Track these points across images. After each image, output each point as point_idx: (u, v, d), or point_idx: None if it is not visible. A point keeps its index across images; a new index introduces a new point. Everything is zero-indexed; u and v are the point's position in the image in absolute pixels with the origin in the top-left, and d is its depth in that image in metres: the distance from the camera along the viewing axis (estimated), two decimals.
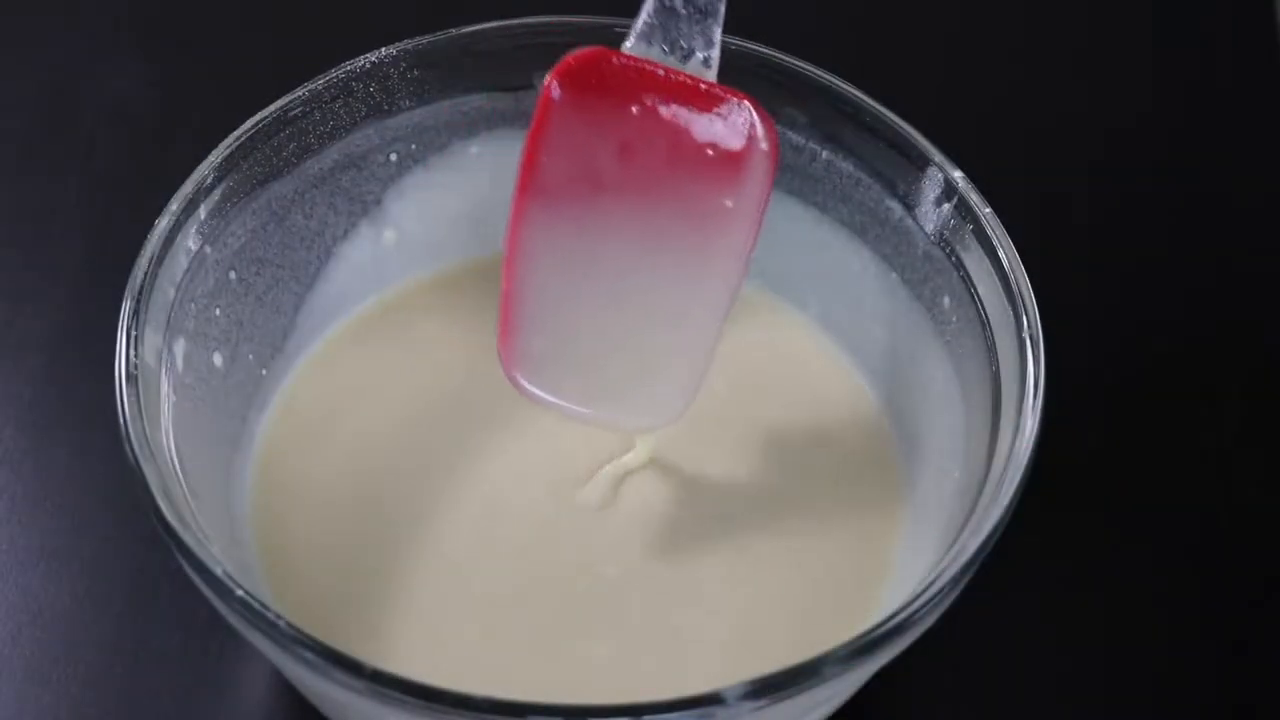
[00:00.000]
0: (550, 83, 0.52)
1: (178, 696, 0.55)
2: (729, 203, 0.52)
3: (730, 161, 0.52)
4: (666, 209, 0.53)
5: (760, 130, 0.52)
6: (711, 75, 0.52)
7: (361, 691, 0.45)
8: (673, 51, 0.52)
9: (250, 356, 0.56)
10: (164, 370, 0.51)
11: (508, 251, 0.53)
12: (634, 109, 0.52)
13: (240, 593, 0.46)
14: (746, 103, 0.52)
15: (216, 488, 0.53)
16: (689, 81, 0.52)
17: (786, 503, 0.56)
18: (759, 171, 0.52)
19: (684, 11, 0.52)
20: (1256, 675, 0.57)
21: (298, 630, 0.46)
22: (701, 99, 0.52)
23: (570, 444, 0.56)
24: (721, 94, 0.52)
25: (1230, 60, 0.72)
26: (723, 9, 0.52)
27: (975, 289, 0.53)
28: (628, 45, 0.52)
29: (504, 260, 0.53)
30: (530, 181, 0.52)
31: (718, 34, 0.52)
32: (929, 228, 0.55)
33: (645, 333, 0.54)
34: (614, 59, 0.52)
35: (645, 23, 0.52)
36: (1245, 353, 0.64)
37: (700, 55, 0.52)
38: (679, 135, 0.52)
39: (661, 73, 0.52)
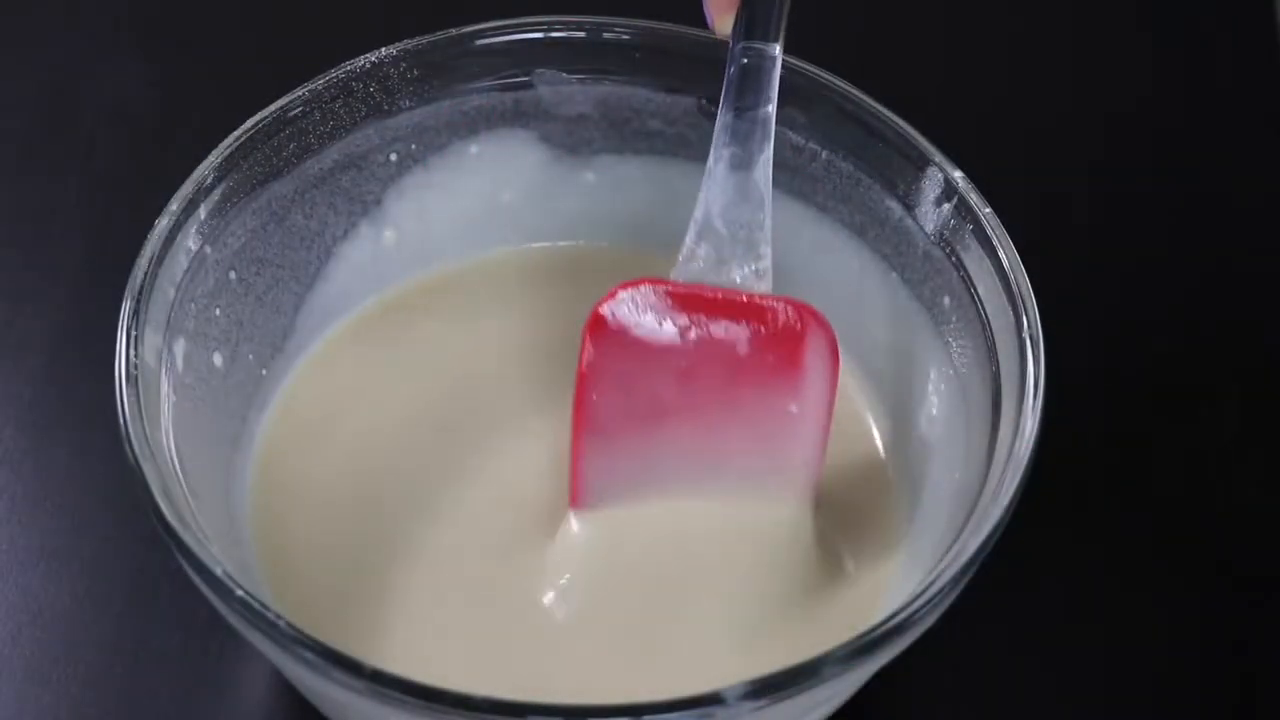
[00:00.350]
0: (590, 325, 0.53)
1: (178, 696, 0.55)
2: (794, 408, 0.53)
3: (790, 369, 0.53)
4: (733, 423, 0.53)
5: (815, 332, 0.53)
6: (765, 286, 0.53)
7: (361, 691, 0.45)
8: (721, 269, 0.53)
9: (250, 356, 0.56)
10: (164, 370, 0.51)
11: (574, 490, 0.54)
12: (684, 335, 0.53)
13: (240, 593, 0.46)
14: (797, 309, 0.53)
15: (216, 488, 0.53)
16: (736, 298, 0.53)
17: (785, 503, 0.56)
18: (820, 373, 0.53)
19: (726, 231, 0.52)
20: (1256, 675, 0.57)
21: (298, 630, 0.46)
22: (752, 312, 0.53)
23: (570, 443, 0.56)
24: (770, 304, 0.53)
25: (1230, 60, 0.72)
26: (768, 223, 0.53)
27: (975, 289, 0.53)
28: (675, 270, 0.53)
29: (570, 495, 0.54)
30: (585, 421, 0.53)
31: (766, 248, 0.53)
32: (929, 228, 0.55)
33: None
34: (655, 288, 0.53)
35: (689, 247, 0.53)
36: (1245, 353, 0.64)
37: (751, 268, 0.53)
38: (735, 352, 0.53)
39: (708, 294, 0.53)
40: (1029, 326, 0.51)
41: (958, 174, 0.54)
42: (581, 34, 0.58)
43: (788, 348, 0.53)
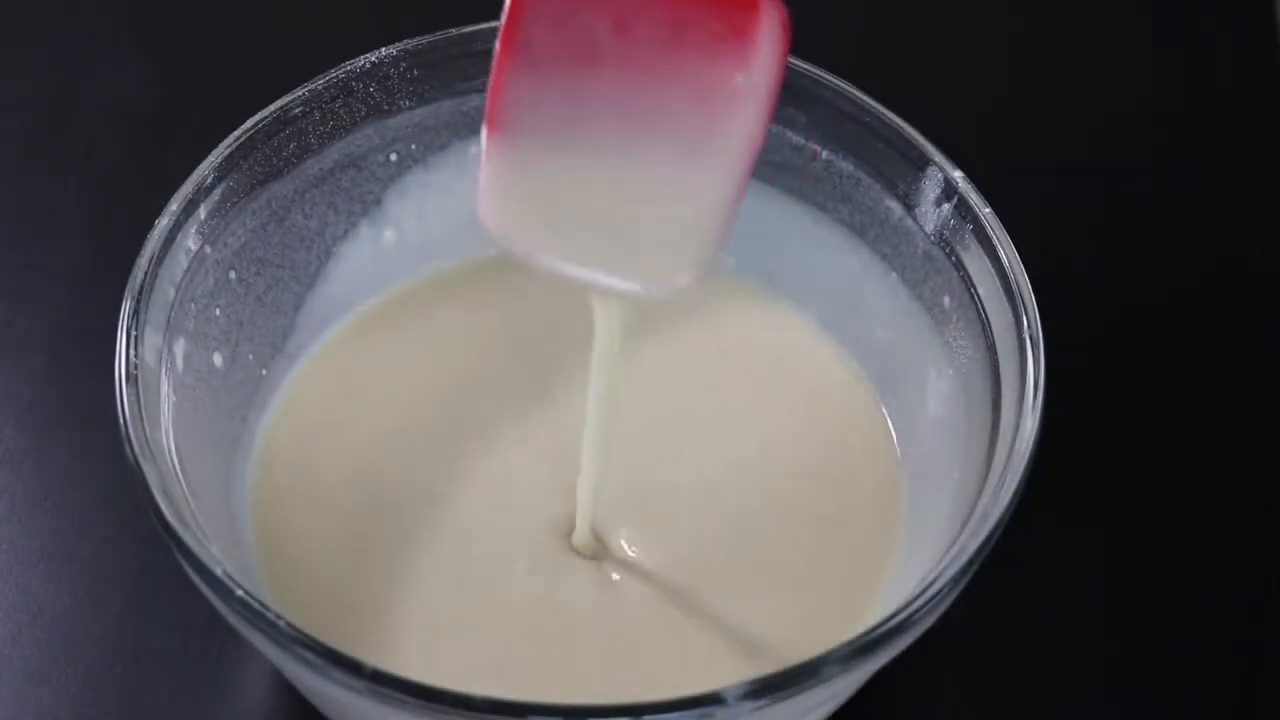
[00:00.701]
0: None
1: (178, 696, 0.55)
2: (740, 79, 0.49)
3: (739, 36, 0.48)
4: (671, 84, 0.49)
5: (770, 8, 0.48)
6: None
7: (361, 691, 0.45)
8: None
9: (250, 356, 0.56)
10: (164, 370, 0.51)
11: (489, 109, 0.49)
12: None
13: (240, 593, 0.46)
14: None
15: (216, 488, 0.53)
16: None
17: (786, 502, 0.56)
18: (770, 43, 0.48)
19: None
20: (1256, 675, 0.57)
21: (298, 630, 0.46)
22: None
23: (571, 442, 0.56)
24: None
25: (1230, 60, 0.72)
26: None
27: (975, 289, 0.54)
28: None
29: (486, 115, 0.49)
30: (512, 48, 0.48)
31: None
32: (929, 228, 0.55)
33: (650, 201, 0.49)
34: None
35: None
36: (1245, 353, 0.64)
37: None
38: (682, 10, 0.48)
39: None
40: (1029, 326, 0.51)
41: (958, 174, 0.54)
42: None
43: (741, 16, 0.48)
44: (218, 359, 0.54)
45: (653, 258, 0.50)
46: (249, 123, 0.55)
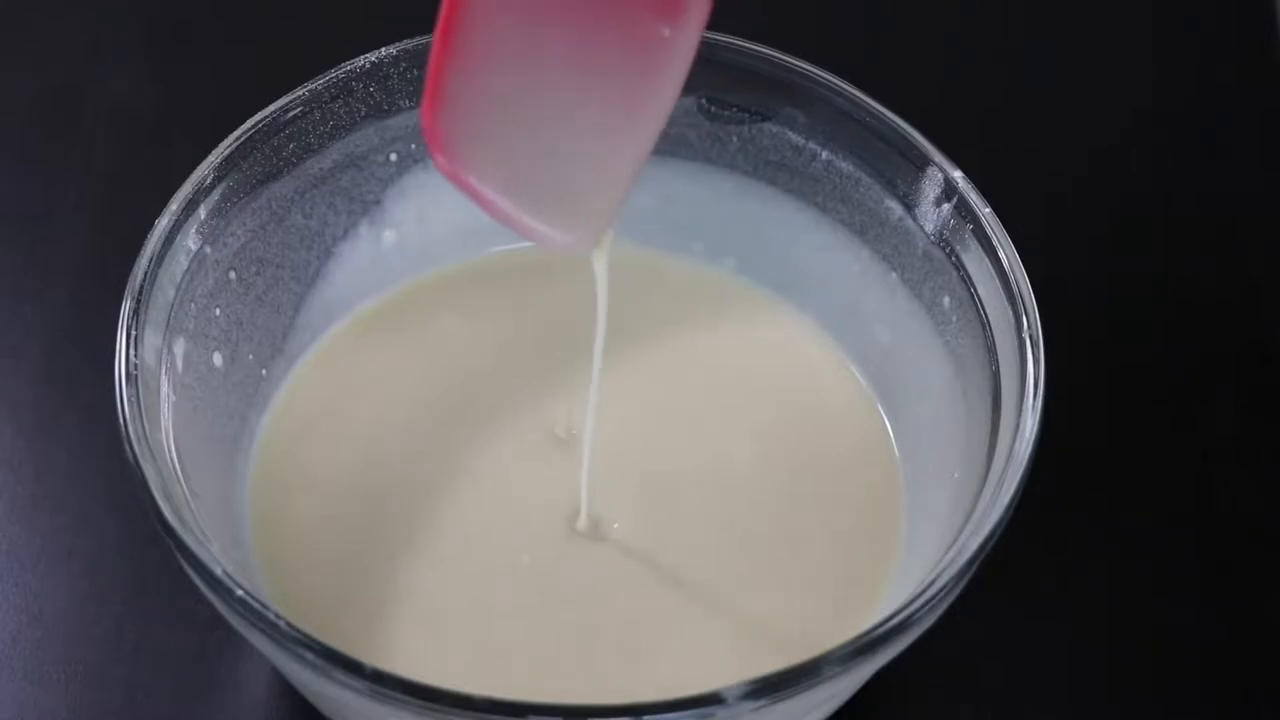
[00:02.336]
0: None
1: (178, 696, 0.55)
2: (665, 31, 0.48)
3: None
4: (606, 27, 0.48)
5: None
6: None
7: (361, 691, 0.45)
8: None
9: (250, 356, 0.56)
10: (164, 370, 0.51)
11: (443, 22, 0.47)
12: None
13: (240, 593, 0.46)
14: None
15: (216, 488, 0.53)
16: None
17: (786, 503, 0.56)
18: (699, 6, 0.48)
19: None
20: (1256, 675, 0.57)
21: (298, 630, 0.46)
22: None
23: (570, 439, 0.56)
24: None
25: (1230, 60, 0.72)
26: None
27: (975, 289, 0.54)
28: None
29: (438, 30, 0.48)
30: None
31: None
32: (929, 228, 0.55)
33: (573, 142, 0.49)
34: None
35: None
36: (1245, 353, 0.64)
37: None
38: None
39: None
40: (1029, 326, 0.51)
41: (958, 174, 0.54)
42: None
43: None
44: (218, 359, 0.54)
45: (567, 208, 0.50)
46: (249, 123, 0.55)
